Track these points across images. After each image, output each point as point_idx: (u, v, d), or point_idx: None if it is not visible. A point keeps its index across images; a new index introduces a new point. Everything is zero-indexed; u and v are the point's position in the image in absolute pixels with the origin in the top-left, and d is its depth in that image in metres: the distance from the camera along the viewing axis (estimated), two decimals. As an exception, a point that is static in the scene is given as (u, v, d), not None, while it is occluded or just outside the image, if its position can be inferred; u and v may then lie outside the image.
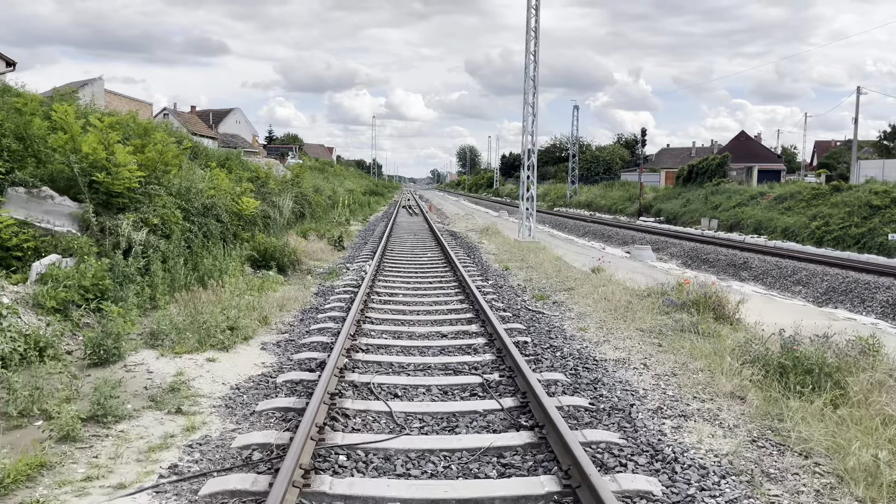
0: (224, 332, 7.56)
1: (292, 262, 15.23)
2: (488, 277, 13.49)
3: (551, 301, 10.88)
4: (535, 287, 12.35)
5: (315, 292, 11.70)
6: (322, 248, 17.87)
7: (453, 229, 28.86)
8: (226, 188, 15.47)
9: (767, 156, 77.48)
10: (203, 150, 25.12)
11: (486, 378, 6.51)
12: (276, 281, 12.84)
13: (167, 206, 11.62)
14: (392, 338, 8.31)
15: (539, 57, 26.00)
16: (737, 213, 41.63)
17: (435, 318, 9.45)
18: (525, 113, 26.33)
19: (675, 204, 50.97)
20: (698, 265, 29.50)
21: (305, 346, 7.74)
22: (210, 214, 13.79)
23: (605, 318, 9.41)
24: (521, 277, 13.67)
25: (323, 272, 14.92)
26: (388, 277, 13.50)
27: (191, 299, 9.24)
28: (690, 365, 6.85)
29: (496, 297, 10.97)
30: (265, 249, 14.83)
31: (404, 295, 11.45)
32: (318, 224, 24.53)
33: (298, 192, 25.08)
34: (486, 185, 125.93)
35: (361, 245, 20.58)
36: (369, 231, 26.74)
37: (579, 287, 11.93)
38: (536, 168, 26.64)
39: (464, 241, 22.23)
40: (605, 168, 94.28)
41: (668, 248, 33.69)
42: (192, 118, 67.94)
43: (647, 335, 8.36)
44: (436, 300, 10.88)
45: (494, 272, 14.46)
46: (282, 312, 9.63)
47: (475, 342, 7.98)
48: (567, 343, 7.97)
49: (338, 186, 44.56)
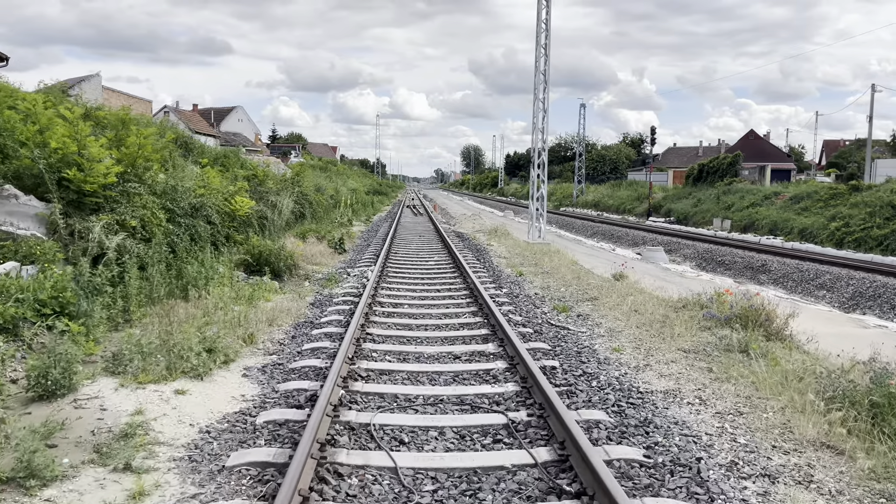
0: (199, 355, 6.41)
1: (289, 266, 14.09)
2: (501, 285, 12.33)
3: (575, 313, 9.71)
4: (554, 296, 11.18)
5: (311, 302, 10.55)
6: (322, 251, 16.72)
7: (460, 230, 27.69)
8: (217, 187, 14.34)
9: (777, 155, 76.23)
10: (199, 147, 24.01)
11: (511, 417, 5.35)
12: (269, 289, 11.70)
13: (148, 206, 10.48)
14: (397, 360, 7.15)
15: (550, 51, 24.84)
16: (751, 214, 40.36)
17: (446, 335, 8.29)
18: (535, 109, 25.16)
19: (685, 204, 49.71)
20: (714, 267, 28.31)
21: (295, 373, 6.58)
22: (199, 215, 12.66)
23: (640, 335, 8.25)
24: (537, 285, 12.50)
25: (322, 278, 13.78)
26: (392, 284, 12.35)
27: (167, 313, 8.11)
28: (756, 399, 5.69)
29: (513, 309, 9.80)
30: (259, 253, 13.69)
31: (410, 305, 10.30)
32: (318, 225, 23.39)
33: (298, 192, 23.94)
34: (490, 185, 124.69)
35: (364, 247, 19.43)
36: (372, 232, 25.59)
37: (604, 297, 10.76)
38: (547, 167, 25.46)
39: (472, 244, 21.07)
40: (611, 167, 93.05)
41: (681, 250, 32.47)
42: (194, 116, 66.85)
43: (692, 357, 7.20)
44: (445, 312, 9.72)
45: (507, 278, 13.29)
46: (271, 328, 8.47)
47: (494, 367, 6.82)
48: (602, 368, 6.80)
49: (340, 186, 43.41)
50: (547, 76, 24.88)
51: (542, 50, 24.81)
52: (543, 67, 24.86)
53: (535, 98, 25.13)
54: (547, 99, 25.03)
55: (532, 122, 25.40)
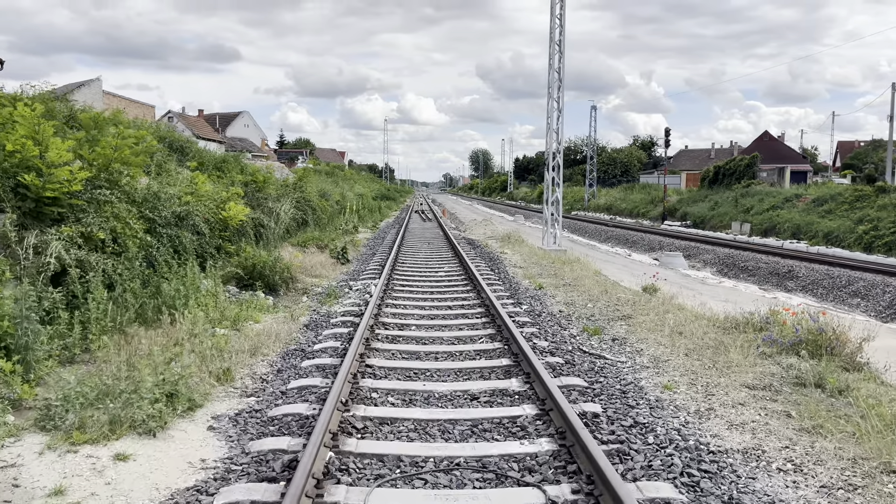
0: (156, 402, 5.14)
1: (285, 280, 12.83)
2: (521, 300, 11.02)
3: (609, 336, 8.38)
4: (581, 314, 9.86)
5: (305, 323, 9.27)
6: (322, 261, 15.46)
7: (470, 237, 26.39)
8: (207, 193, 13.12)
9: (793, 157, 74.69)
10: (197, 151, 22.84)
11: (551, 497, 4.04)
12: (260, 307, 10.44)
13: (121, 215, 9.24)
14: (401, 402, 5.86)
15: (565, 48, 23.54)
16: (771, 217, 38.88)
17: (460, 367, 6.99)
18: (549, 108, 23.84)
19: (701, 207, 48.25)
20: (736, 273, 26.90)
21: (275, 423, 5.29)
22: (184, 225, 11.44)
23: (691, 365, 6.92)
24: (560, 300, 11.19)
25: (321, 292, 12.52)
26: (398, 300, 11.07)
27: (131, 342, 6.86)
28: (867, 463, 4.37)
29: (536, 332, 8.49)
30: (252, 266, 12.45)
31: (417, 327, 9.00)
32: (322, 232, 22.16)
33: (301, 198, 22.72)
34: (499, 189, 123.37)
35: (369, 257, 18.16)
36: (379, 239, 24.32)
37: (639, 315, 9.43)
38: (562, 169, 24.13)
39: (484, 251, 19.77)
40: (622, 170, 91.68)
41: (701, 255, 31.06)
42: (199, 122, 65.88)
43: (762, 396, 5.88)
44: (458, 336, 8.42)
45: (526, 292, 11.99)
46: (254, 359, 7.18)
47: (521, 413, 5.51)
48: (657, 415, 5.47)
49: (347, 191, 42.20)
50: (562, 74, 23.57)
51: (556, 47, 23.52)
52: (558, 65, 23.56)
53: (548, 97, 23.82)
54: (562, 98, 23.72)
55: (546, 122, 24.09)
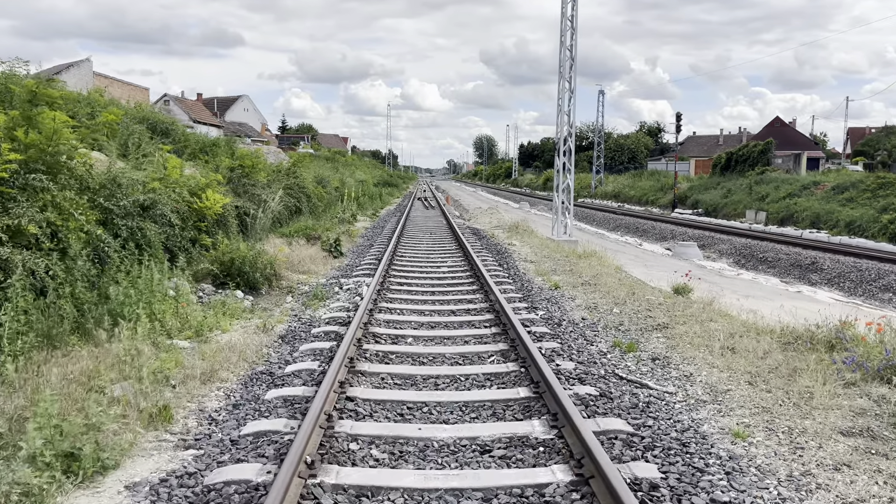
0: (44, 470, 3.69)
1: (267, 277, 11.38)
2: (535, 303, 9.53)
3: (647, 355, 6.89)
4: (608, 323, 8.37)
5: (281, 333, 7.80)
6: (313, 254, 13.97)
7: (476, 226, 24.87)
8: (180, 180, 11.64)
9: (805, 143, 72.98)
10: (182, 134, 21.32)
11: None
12: (232, 311, 8.98)
13: (63, 205, 7.78)
14: (389, 459, 4.38)
15: (577, 23, 21.92)
16: (788, 205, 37.27)
17: (466, 400, 5.50)
18: (560, 90, 22.26)
19: (714, 195, 46.63)
20: (754, 265, 25.38)
21: (213, 495, 3.83)
22: (151, 215, 9.97)
23: (759, 399, 5.44)
24: (581, 303, 9.69)
25: (308, 291, 11.07)
26: (394, 304, 9.59)
27: (39, 371, 5.40)
28: None
29: (559, 348, 7.00)
30: (230, 261, 10.99)
31: (415, 341, 7.53)
32: (317, 221, 20.68)
33: (294, 184, 21.21)
34: (504, 176, 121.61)
35: (365, 249, 16.68)
36: (378, 229, 22.83)
37: (676, 324, 7.95)
38: (573, 154, 22.57)
39: (490, 243, 18.27)
40: (629, 157, 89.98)
41: (716, 245, 29.53)
42: (196, 105, 64.27)
43: (867, 449, 4.41)
44: (464, 353, 6.95)
45: (540, 292, 10.50)
46: (207, 387, 5.70)
47: (551, 481, 4.03)
48: (738, 485, 3.95)
49: (347, 177, 40.66)
50: (574, 53, 21.97)
51: (568, 23, 21.91)
52: (570, 42, 21.96)
53: (560, 78, 22.23)
54: (574, 79, 22.13)
55: (556, 104, 22.51)
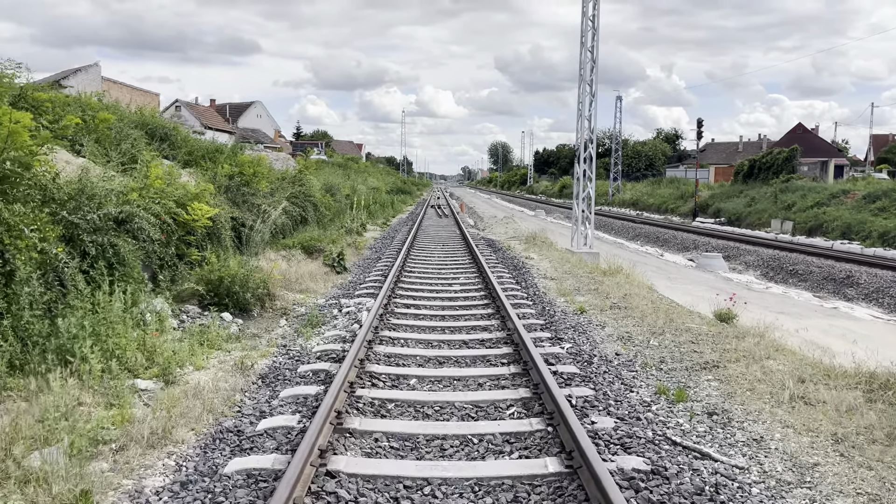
0: None
1: (260, 297, 10.26)
2: (559, 332, 8.33)
3: (700, 406, 5.66)
4: (647, 359, 7.14)
5: (263, 372, 6.65)
6: (314, 270, 12.83)
7: (490, 236, 23.68)
8: (165, 188, 10.55)
9: (828, 150, 71.30)
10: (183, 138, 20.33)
11: None
12: (212, 341, 7.85)
13: (10, 221, 6.68)
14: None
15: (599, 23, 20.73)
16: (816, 214, 35.76)
17: (480, 476, 4.30)
18: (581, 93, 21.06)
19: (736, 203, 45.16)
20: (784, 278, 23.99)
21: None
22: (129, 230, 8.88)
23: (858, 478, 4.21)
24: (612, 332, 8.47)
25: (304, 314, 9.94)
26: (397, 331, 8.42)
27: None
28: None
29: (592, 395, 5.78)
30: (219, 280, 9.88)
31: (419, 382, 6.34)
32: (324, 232, 19.57)
33: (300, 192, 20.11)
34: (519, 182, 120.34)
35: (372, 263, 15.53)
36: (387, 240, 21.68)
37: (728, 362, 6.71)
38: (595, 161, 21.34)
39: (506, 255, 17.08)
40: (646, 164, 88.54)
41: (741, 256, 28.16)
42: (208, 111, 63.62)
43: None
44: (478, 401, 5.75)
45: (564, 318, 9.28)
46: (153, 453, 4.52)
47: None
48: None
49: (359, 184, 39.63)
50: (595, 54, 20.77)
51: (588, 23, 20.73)
52: (591, 44, 20.77)
53: (580, 80, 21.04)
54: (595, 81, 20.93)
55: (577, 108, 21.32)
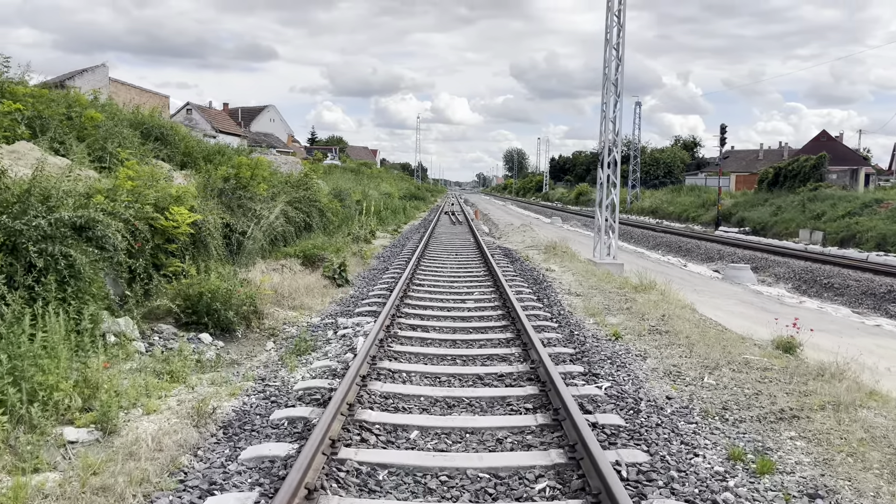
0: None
1: (245, 316, 8.94)
2: (593, 365, 6.94)
3: (794, 483, 4.21)
4: (705, 404, 5.72)
5: (227, 419, 5.29)
6: (312, 283, 11.50)
7: (507, 245, 22.27)
8: (142, 191, 9.29)
9: (854, 158, 69.37)
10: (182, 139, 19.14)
11: None
12: (176, 373, 6.54)
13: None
14: None
15: (625, 17, 19.35)
16: (849, 225, 34.05)
17: None
18: (605, 93, 19.65)
19: (761, 212, 43.48)
20: (818, 292, 22.35)
21: None
22: (89, 237, 7.62)
23: None
24: (656, 365, 7.07)
25: (294, 335, 8.62)
26: (398, 362, 7.06)
27: None
28: None
29: (649, 463, 4.37)
30: (198, 296, 8.58)
31: (422, 434, 4.98)
32: (329, 239, 18.29)
33: (304, 197, 18.82)
34: (534, 189, 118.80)
35: (377, 274, 14.19)
36: (397, 248, 20.35)
37: (810, 410, 5.30)
38: (619, 166, 19.91)
39: (525, 267, 15.70)
40: (665, 171, 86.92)
41: (770, 268, 26.50)
42: (220, 115, 62.68)
43: None
44: (496, 470, 4.36)
45: (597, 345, 7.89)
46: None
47: None
48: None
49: (371, 190, 38.38)
50: (621, 51, 19.37)
51: (614, 18, 19.33)
52: (616, 40, 19.37)
53: (604, 80, 19.64)
54: (621, 81, 19.52)
55: (601, 109, 19.90)
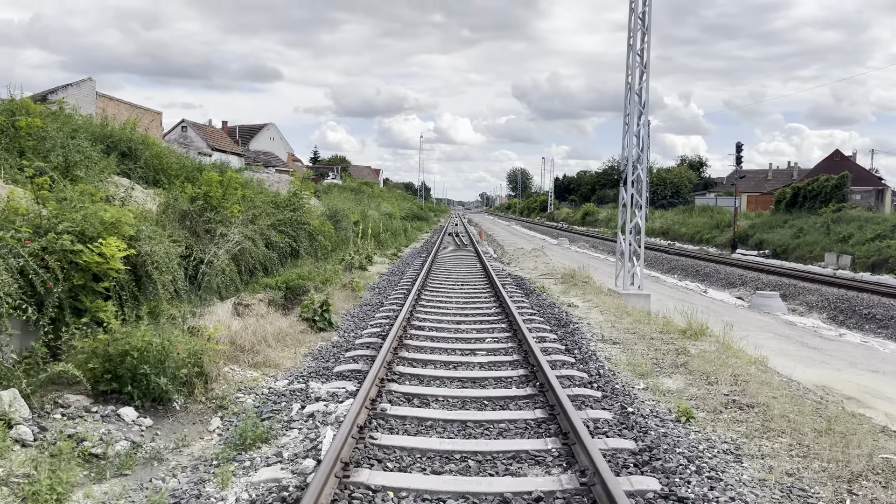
0: None
1: (185, 382, 6.74)
2: (668, 471, 4.74)
3: None
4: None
5: None
6: (284, 328, 9.26)
7: (518, 272, 20.03)
8: (53, 214, 7.12)
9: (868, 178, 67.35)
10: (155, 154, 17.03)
11: None
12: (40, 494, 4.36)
13: None
14: None
15: (650, 20, 17.31)
16: (879, 248, 31.76)
17: None
18: (628, 103, 17.54)
19: (781, 234, 41.21)
20: (858, 323, 19.99)
21: None
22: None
23: None
24: (761, 476, 4.82)
25: (252, 407, 6.42)
26: (384, 466, 4.84)
27: None
28: None
29: None
30: (121, 356, 6.38)
31: None
32: (319, 266, 16.12)
33: (290, 219, 16.64)
34: (538, 209, 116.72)
35: (370, 311, 11.96)
36: (395, 276, 18.12)
37: None
38: (646, 184, 17.73)
39: (542, 302, 13.48)
40: (673, 191, 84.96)
41: (801, 295, 24.11)
42: (216, 133, 60.79)
43: None
44: None
45: (664, 434, 5.66)
46: None
47: None
48: None
49: (371, 210, 36.19)
50: (646, 57, 17.30)
51: (638, 21, 17.29)
52: (641, 45, 17.30)
53: (627, 89, 17.54)
54: (645, 90, 17.43)
55: (623, 122, 17.78)
